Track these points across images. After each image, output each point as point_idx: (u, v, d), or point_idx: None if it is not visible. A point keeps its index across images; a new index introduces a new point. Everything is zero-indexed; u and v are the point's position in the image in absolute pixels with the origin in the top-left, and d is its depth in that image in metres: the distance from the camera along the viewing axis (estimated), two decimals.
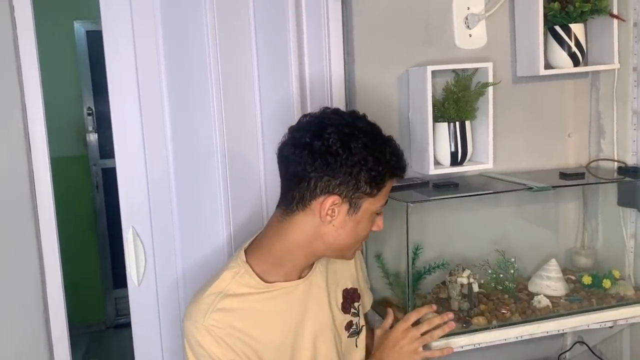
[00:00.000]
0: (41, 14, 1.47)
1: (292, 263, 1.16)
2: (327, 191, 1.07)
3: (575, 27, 1.63)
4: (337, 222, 1.10)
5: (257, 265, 1.16)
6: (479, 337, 1.47)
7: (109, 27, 1.43)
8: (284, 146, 1.11)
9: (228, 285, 1.14)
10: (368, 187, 1.08)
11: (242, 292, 1.14)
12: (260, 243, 1.19)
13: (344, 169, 1.05)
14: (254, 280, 1.15)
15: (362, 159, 1.05)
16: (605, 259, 1.77)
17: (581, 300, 1.59)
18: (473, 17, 1.65)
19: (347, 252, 1.17)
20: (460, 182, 1.60)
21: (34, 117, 1.42)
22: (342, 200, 1.08)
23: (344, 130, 1.06)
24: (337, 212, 1.09)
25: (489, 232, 1.71)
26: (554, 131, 1.79)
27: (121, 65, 1.44)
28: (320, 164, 1.05)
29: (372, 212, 1.12)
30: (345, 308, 1.28)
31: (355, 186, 1.07)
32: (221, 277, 1.15)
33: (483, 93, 1.60)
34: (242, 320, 1.12)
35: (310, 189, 1.07)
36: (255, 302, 1.14)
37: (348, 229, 1.11)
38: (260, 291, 1.15)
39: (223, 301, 1.12)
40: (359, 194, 1.08)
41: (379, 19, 1.61)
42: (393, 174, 1.12)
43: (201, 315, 1.11)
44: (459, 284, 1.55)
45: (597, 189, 1.82)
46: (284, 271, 1.17)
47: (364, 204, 1.10)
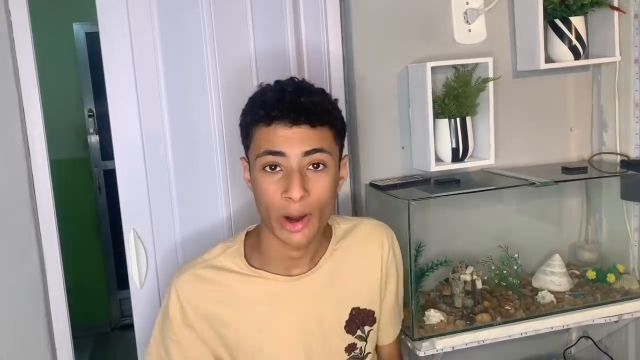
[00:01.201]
0: (40, 17, 1.47)
1: (272, 250, 1.10)
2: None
3: (575, 20, 1.62)
4: (250, 185, 1.09)
5: (249, 248, 1.13)
6: (483, 334, 1.47)
7: (106, 28, 1.42)
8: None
9: (217, 257, 1.12)
10: (244, 138, 1.08)
11: (228, 268, 1.11)
12: (258, 228, 1.16)
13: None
14: (239, 260, 1.11)
15: (240, 119, 1.09)
16: (610, 253, 1.76)
17: (585, 295, 1.58)
18: (472, 12, 1.64)
19: (269, 222, 1.04)
20: (461, 179, 1.59)
21: (32, 121, 1.42)
22: (245, 162, 1.11)
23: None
24: (247, 174, 1.10)
25: (491, 228, 1.70)
26: (555, 125, 1.77)
27: (119, 67, 1.44)
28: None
29: (258, 167, 1.02)
30: (349, 328, 1.16)
31: (242, 141, 1.09)
32: (214, 248, 1.14)
33: (483, 88, 1.59)
34: (215, 295, 1.09)
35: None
36: (235, 282, 1.10)
37: (255, 191, 1.06)
38: (243, 273, 1.10)
39: (205, 270, 1.10)
40: (245, 148, 1.09)
41: (377, 15, 1.60)
42: (257, 120, 1.02)
43: (180, 272, 1.11)
44: (462, 280, 1.54)
45: (600, 183, 1.80)
46: (270, 261, 1.11)
47: (250, 158, 1.07)
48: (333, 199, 1.07)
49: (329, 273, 1.14)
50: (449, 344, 1.44)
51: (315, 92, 1.06)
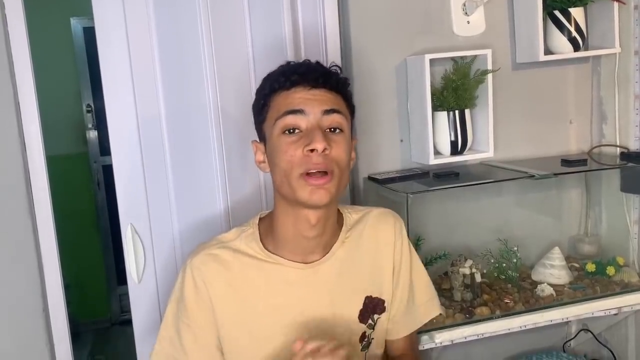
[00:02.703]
0: (37, 11, 1.46)
1: (287, 237, 1.09)
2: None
3: (575, 11, 1.61)
4: (265, 164, 1.10)
5: (264, 233, 1.12)
6: (482, 327, 1.46)
7: (102, 21, 1.41)
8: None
9: (233, 240, 1.12)
10: (257, 115, 1.10)
11: (242, 251, 1.11)
12: (271, 213, 1.15)
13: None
14: (256, 245, 1.11)
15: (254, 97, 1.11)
16: (609, 245, 1.76)
17: (585, 288, 1.58)
18: (471, 4, 1.63)
19: (290, 188, 1.02)
20: (460, 172, 1.58)
21: (28, 116, 1.40)
22: (258, 143, 1.12)
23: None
24: (261, 155, 1.10)
25: (490, 221, 1.70)
26: (555, 118, 1.77)
27: (115, 60, 1.42)
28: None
29: (276, 133, 1.04)
30: (363, 317, 1.15)
31: (255, 123, 1.11)
32: (229, 232, 1.15)
33: (482, 80, 1.58)
34: (229, 277, 1.09)
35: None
36: (250, 268, 1.10)
37: (272, 165, 1.07)
38: (259, 258, 1.10)
39: (221, 250, 1.10)
40: (258, 126, 1.10)
41: (376, 8, 1.59)
42: (271, 87, 1.07)
43: (192, 254, 1.12)
44: (461, 274, 1.54)
45: (600, 175, 1.80)
46: (285, 247, 1.10)
47: (265, 133, 1.08)
48: (348, 169, 1.07)
49: (341, 261, 1.13)
50: (448, 338, 1.43)
51: (331, 68, 1.11)
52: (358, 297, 1.14)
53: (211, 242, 1.13)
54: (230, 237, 1.13)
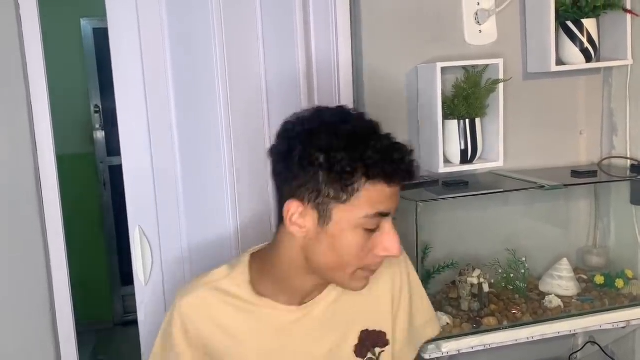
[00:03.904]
0: (47, 12, 1.46)
1: (289, 284, 1.01)
2: (288, 196, 0.93)
3: (587, 22, 1.60)
4: (310, 235, 0.93)
5: (255, 274, 1.03)
6: (489, 338, 1.46)
7: (115, 23, 1.42)
8: (274, 141, 1.00)
9: (222, 279, 1.03)
10: (332, 190, 0.89)
11: (232, 293, 1.02)
12: (264, 252, 1.06)
13: (300, 168, 0.90)
14: (245, 286, 1.02)
15: (322, 155, 0.89)
16: (618, 258, 1.75)
17: (593, 300, 1.57)
18: (483, 13, 1.63)
19: (336, 276, 0.96)
20: (470, 181, 1.58)
21: (39, 115, 1.41)
22: (305, 205, 0.92)
23: (307, 126, 0.92)
24: (305, 221, 0.93)
25: (499, 231, 1.69)
26: (565, 128, 1.76)
27: (127, 62, 1.43)
28: (280, 167, 0.94)
29: (353, 224, 0.91)
30: (359, 352, 1.08)
31: (317, 189, 0.90)
32: (219, 269, 1.05)
33: (493, 90, 1.58)
34: (219, 321, 1.02)
35: (280, 195, 0.96)
36: (239, 309, 1.02)
37: (325, 244, 0.93)
38: (248, 300, 1.02)
39: (210, 292, 1.03)
40: (324, 198, 0.90)
41: (387, 15, 1.59)
42: (370, 176, 0.89)
43: (181, 294, 1.04)
44: (469, 283, 1.53)
45: (610, 187, 1.79)
46: (282, 291, 1.02)
47: (334, 212, 0.91)
48: None
49: (336, 297, 1.06)
50: (454, 347, 1.43)
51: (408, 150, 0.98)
52: (353, 331, 1.08)
53: (198, 282, 1.05)
54: (219, 276, 1.04)
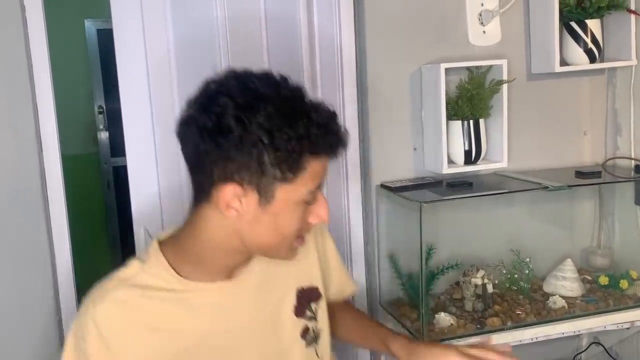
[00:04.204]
0: (52, 13, 1.47)
1: (215, 263, 0.94)
2: (223, 178, 0.84)
3: (591, 22, 1.60)
4: (248, 216, 0.87)
5: (173, 259, 0.94)
6: (493, 338, 1.44)
7: (119, 24, 1.42)
8: (178, 123, 0.90)
9: (136, 275, 0.93)
10: (278, 170, 0.84)
11: (153, 285, 0.92)
12: (177, 236, 0.96)
13: (240, 149, 0.82)
14: (167, 274, 0.93)
15: (262, 136, 0.82)
16: (622, 259, 1.75)
17: (597, 301, 1.57)
18: (487, 14, 1.62)
19: (276, 252, 0.93)
20: (474, 181, 1.58)
21: (45, 116, 1.42)
22: (244, 189, 0.85)
23: (239, 100, 0.83)
24: (245, 203, 0.86)
25: (503, 231, 1.69)
26: (569, 129, 1.76)
27: (132, 63, 1.43)
28: (211, 146, 0.83)
29: (296, 201, 0.87)
30: (299, 311, 1.04)
31: (260, 170, 0.83)
32: (127, 267, 0.95)
33: (497, 90, 1.58)
34: (144, 321, 0.92)
35: (207, 175, 0.86)
36: (165, 300, 0.92)
37: (265, 224, 0.87)
38: (173, 288, 0.93)
39: (126, 291, 0.92)
40: (268, 179, 0.84)
41: (391, 16, 1.59)
42: (315, 151, 0.85)
43: (90, 303, 0.91)
44: (473, 284, 1.53)
45: (614, 187, 1.79)
46: (207, 271, 0.94)
47: (278, 192, 0.85)
48: None
49: (265, 264, 1.01)
50: None
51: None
52: (290, 294, 1.04)
53: (110, 283, 0.94)
54: (132, 272, 0.94)
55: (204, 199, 0.88)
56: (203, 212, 0.90)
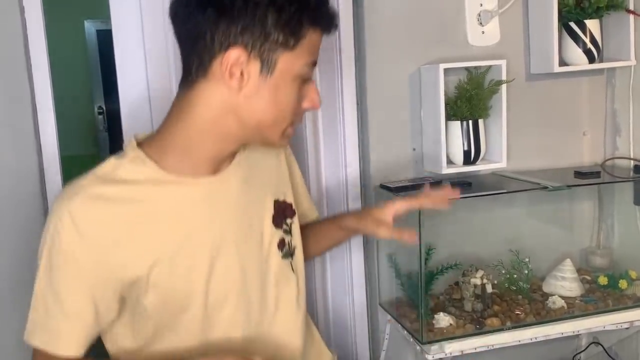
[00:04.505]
0: (51, 14, 1.47)
1: (201, 152, 0.91)
2: (227, 44, 0.84)
3: (590, 23, 1.60)
4: (249, 88, 0.86)
5: (154, 153, 0.91)
6: (492, 339, 1.46)
7: (119, 25, 1.42)
8: (172, 3, 0.89)
9: (114, 171, 0.89)
10: (281, 34, 0.84)
11: (131, 179, 0.89)
12: (159, 131, 0.94)
13: (243, 11, 0.83)
14: (147, 167, 0.90)
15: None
16: (622, 259, 1.75)
17: (597, 301, 1.57)
18: (486, 14, 1.63)
19: (271, 132, 0.91)
20: (473, 182, 1.58)
21: (44, 117, 1.42)
22: (248, 55, 0.84)
23: None
24: (246, 74, 0.85)
25: (502, 232, 1.69)
26: (568, 129, 1.76)
27: (131, 64, 1.44)
28: (212, 10, 0.83)
29: (295, 74, 0.87)
30: (276, 222, 1.03)
31: (263, 33, 0.84)
32: (103, 164, 0.91)
33: (496, 91, 1.58)
34: (125, 215, 0.88)
35: (207, 47, 0.85)
36: (147, 194, 0.89)
37: (266, 98, 0.87)
38: (156, 181, 0.90)
39: (102, 186, 0.88)
40: (270, 44, 0.84)
41: (390, 16, 1.59)
42: (314, 21, 0.87)
43: (69, 196, 0.87)
44: (472, 284, 1.54)
45: (613, 188, 1.79)
46: (191, 163, 0.91)
47: (280, 61, 0.86)
48: None
49: (247, 164, 1.00)
50: (458, 348, 1.43)
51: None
52: (268, 202, 1.03)
53: (84, 180, 0.89)
54: (109, 168, 0.90)
55: (201, 76, 0.87)
56: (198, 91, 0.88)
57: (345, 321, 1.70)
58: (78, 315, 0.90)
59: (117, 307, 0.92)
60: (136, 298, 0.91)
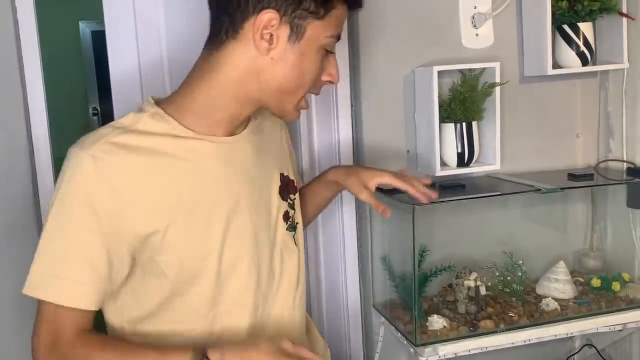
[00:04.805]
0: (45, 15, 1.47)
1: (221, 112, 0.93)
2: (260, 6, 0.87)
3: (583, 26, 1.61)
4: (276, 52, 0.89)
5: (173, 111, 0.92)
6: (486, 341, 1.46)
7: (112, 26, 1.42)
8: None
9: (134, 124, 0.90)
10: (312, 2, 0.88)
11: (151, 131, 0.89)
12: (179, 90, 0.95)
13: None
14: (167, 123, 0.90)
15: None
16: (615, 261, 1.75)
17: (590, 303, 1.57)
18: (480, 16, 1.63)
19: (289, 98, 0.93)
20: (467, 184, 1.58)
21: (36, 118, 1.41)
22: (280, 19, 0.87)
23: None
24: (275, 37, 0.88)
25: (496, 234, 1.69)
26: (562, 131, 1.76)
27: (124, 65, 1.43)
28: None
29: (320, 44, 0.91)
30: (283, 195, 1.06)
31: (296, 0, 0.87)
32: (124, 117, 0.92)
33: (490, 93, 1.58)
34: (146, 165, 0.87)
35: (240, 7, 0.88)
36: (167, 147, 0.89)
37: (290, 63, 0.90)
38: (176, 136, 0.90)
39: (124, 136, 0.87)
40: (302, 11, 0.88)
41: (384, 19, 1.59)
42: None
43: (90, 140, 0.86)
44: (466, 286, 1.54)
45: (606, 190, 1.79)
46: (209, 122, 0.93)
47: (308, 29, 0.89)
48: None
49: (258, 133, 1.03)
50: (451, 351, 1.43)
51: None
52: (275, 174, 1.06)
53: (103, 130, 0.89)
54: (129, 121, 0.90)
55: (231, 36, 0.90)
56: (226, 51, 0.90)
57: (339, 323, 1.69)
58: (93, 265, 0.85)
59: (130, 263, 0.89)
60: (149, 257, 0.89)
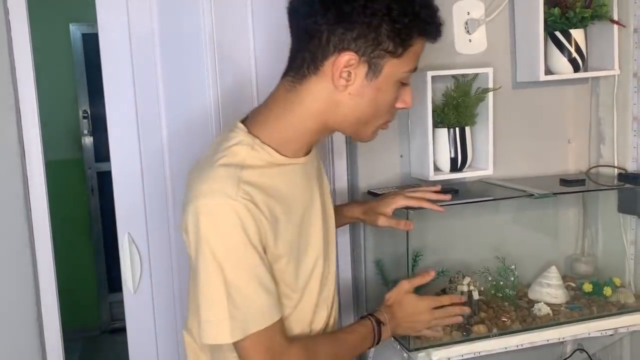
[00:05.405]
0: (37, 17, 1.46)
1: (305, 138, 1.00)
2: (340, 47, 0.91)
3: (575, 32, 1.62)
4: (354, 88, 0.93)
5: (266, 139, 0.98)
6: (479, 346, 1.46)
7: (105, 28, 1.41)
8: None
9: (244, 158, 0.95)
10: (391, 43, 0.91)
11: (259, 165, 0.96)
12: (264, 118, 1.00)
13: (361, 18, 0.89)
14: (268, 154, 0.97)
15: (384, 7, 0.89)
16: (606, 266, 1.76)
17: (582, 308, 1.58)
18: (473, 22, 1.64)
19: (366, 128, 1.00)
20: (460, 189, 1.58)
21: (28, 122, 1.40)
22: (359, 59, 0.91)
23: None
24: (353, 75, 0.92)
25: (489, 238, 1.70)
26: (553, 137, 1.78)
27: (117, 68, 1.42)
28: (333, 14, 0.89)
29: (396, 79, 0.95)
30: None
31: (376, 41, 0.90)
32: (231, 151, 0.95)
33: (483, 98, 1.59)
34: (268, 197, 0.94)
35: (322, 46, 0.91)
36: (272, 177, 0.97)
37: (367, 98, 0.94)
38: (278, 164, 0.98)
39: (246, 172, 0.93)
40: (380, 51, 0.91)
41: None
42: (423, 31, 0.94)
43: (230, 187, 0.90)
44: (459, 291, 1.53)
45: (597, 195, 1.81)
46: (295, 147, 1.00)
47: (386, 67, 0.93)
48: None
49: (315, 156, 1.11)
50: (445, 355, 1.43)
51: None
52: (328, 191, 1.16)
53: (227, 168, 0.93)
54: (240, 157, 0.95)
55: (312, 72, 0.94)
56: (308, 85, 0.95)
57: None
58: (267, 289, 0.94)
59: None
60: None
